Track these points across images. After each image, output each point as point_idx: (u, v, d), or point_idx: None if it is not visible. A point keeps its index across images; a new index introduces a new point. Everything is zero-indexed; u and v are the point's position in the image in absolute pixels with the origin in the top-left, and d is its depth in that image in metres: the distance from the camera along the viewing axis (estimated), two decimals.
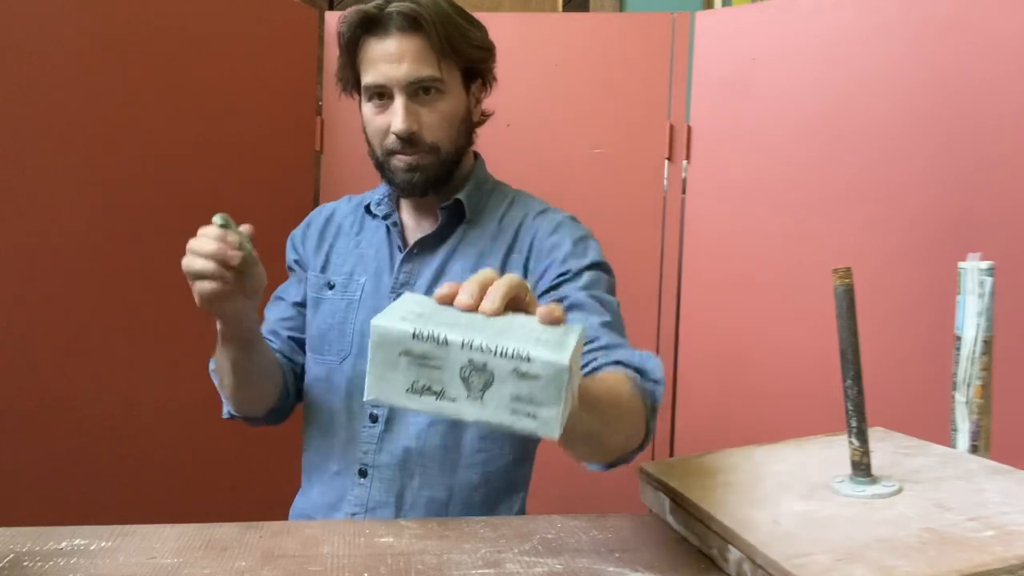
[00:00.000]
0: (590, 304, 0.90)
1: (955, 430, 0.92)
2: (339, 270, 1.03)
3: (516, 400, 0.50)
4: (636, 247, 1.62)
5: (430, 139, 0.94)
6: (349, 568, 0.70)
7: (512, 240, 0.98)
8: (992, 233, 1.30)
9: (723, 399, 1.57)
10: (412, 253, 0.99)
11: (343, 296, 1.01)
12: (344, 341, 1.00)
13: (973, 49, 1.32)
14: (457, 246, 0.99)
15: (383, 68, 0.91)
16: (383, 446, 0.97)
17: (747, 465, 0.84)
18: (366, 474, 0.97)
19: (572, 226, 0.99)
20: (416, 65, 0.91)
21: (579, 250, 0.95)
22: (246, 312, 0.86)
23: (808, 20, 1.47)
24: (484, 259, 0.97)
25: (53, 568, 0.69)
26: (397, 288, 0.98)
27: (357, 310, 1.00)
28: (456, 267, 0.98)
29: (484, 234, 0.99)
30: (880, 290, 1.40)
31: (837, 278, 0.75)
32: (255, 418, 1.01)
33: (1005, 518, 0.66)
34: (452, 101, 0.95)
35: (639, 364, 0.83)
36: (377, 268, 1.01)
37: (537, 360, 0.50)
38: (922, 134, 1.37)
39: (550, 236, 0.97)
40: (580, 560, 0.72)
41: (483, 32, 0.98)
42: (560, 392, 0.50)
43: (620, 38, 1.61)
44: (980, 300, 0.90)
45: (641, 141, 1.61)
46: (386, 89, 0.92)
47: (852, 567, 0.59)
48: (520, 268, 0.96)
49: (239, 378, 0.94)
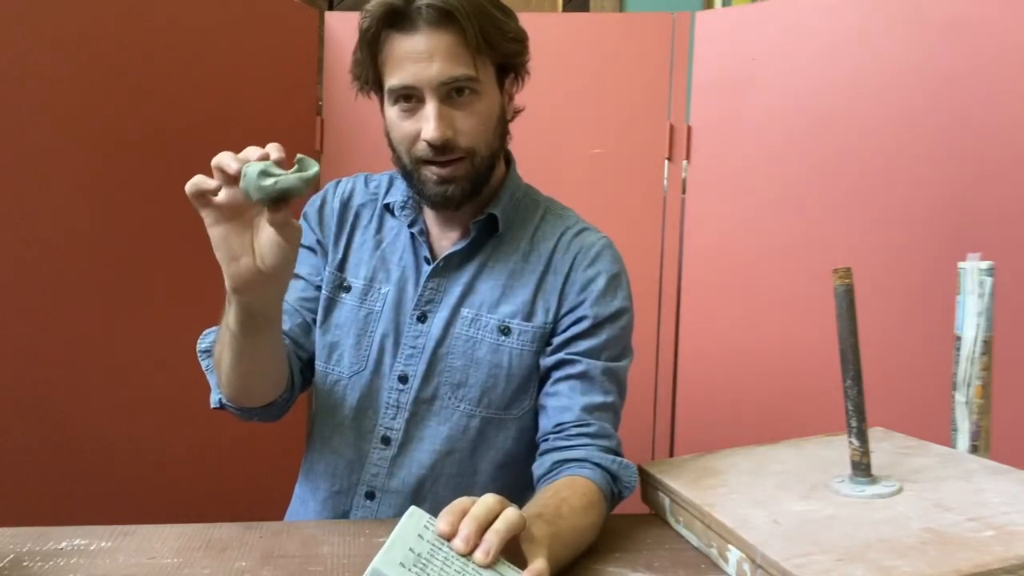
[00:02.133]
0: (598, 380, 0.88)
1: (955, 430, 0.92)
2: (357, 272, 0.95)
3: None
4: (636, 247, 1.62)
5: (465, 145, 0.85)
6: (349, 568, 0.70)
7: (548, 262, 0.92)
8: (992, 233, 1.30)
9: (723, 399, 1.57)
10: (439, 268, 0.92)
11: (362, 304, 0.94)
12: (359, 355, 0.93)
13: (973, 49, 1.32)
14: (486, 262, 0.92)
15: (411, 68, 0.82)
16: (395, 471, 0.92)
17: (747, 465, 0.84)
18: (374, 497, 0.93)
19: (610, 258, 0.94)
20: (448, 64, 0.82)
21: (611, 289, 0.92)
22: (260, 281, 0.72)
23: (808, 20, 1.47)
24: (515, 279, 0.92)
25: (53, 568, 0.69)
26: (422, 305, 0.92)
27: (378, 323, 0.93)
28: (484, 286, 0.92)
29: (515, 251, 0.93)
30: (880, 290, 1.39)
31: (837, 278, 0.75)
32: (249, 409, 0.89)
33: (1005, 518, 0.66)
34: (488, 101, 0.86)
35: (616, 471, 0.84)
36: (401, 279, 0.94)
37: None
38: (922, 134, 1.37)
39: (588, 268, 0.92)
40: (580, 560, 0.72)
41: (517, 22, 0.89)
42: None
43: (620, 38, 1.61)
44: (980, 300, 0.90)
45: (641, 141, 1.61)
46: (415, 91, 0.83)
47: (852, 567, 0.59)
48: (556, 294, 0.91)
49: (240, 362, 0.81)
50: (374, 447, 0.93)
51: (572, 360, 0.89)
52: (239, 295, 0.74)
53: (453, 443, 0.91)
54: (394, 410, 0.92)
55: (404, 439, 0.92)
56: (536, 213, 0.97)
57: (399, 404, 0.91)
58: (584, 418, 0.86)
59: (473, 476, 0.92)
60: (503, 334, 0.90)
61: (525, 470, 0.91)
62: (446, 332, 0.91)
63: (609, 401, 0.89)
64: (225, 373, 0.83)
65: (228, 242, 0.70)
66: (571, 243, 0.94)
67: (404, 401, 0.91)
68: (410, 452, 0.92)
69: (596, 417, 0.87)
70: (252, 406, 0.89)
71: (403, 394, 0.91)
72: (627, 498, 0.86)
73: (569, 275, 0.92)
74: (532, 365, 0.91)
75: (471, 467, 0.92)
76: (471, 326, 0.91)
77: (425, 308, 0.92)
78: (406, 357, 0.91)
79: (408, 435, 0.91)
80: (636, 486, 0.87)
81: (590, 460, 0.83)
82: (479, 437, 0.91)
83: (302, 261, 0.97)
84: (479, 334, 0.90)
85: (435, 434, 0.91)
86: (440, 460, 0.91)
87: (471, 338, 0.90)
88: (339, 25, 1.64)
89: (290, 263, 0.72)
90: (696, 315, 1.60)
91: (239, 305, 0.75)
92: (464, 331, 0.90)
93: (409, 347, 0.91)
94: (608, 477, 0.83)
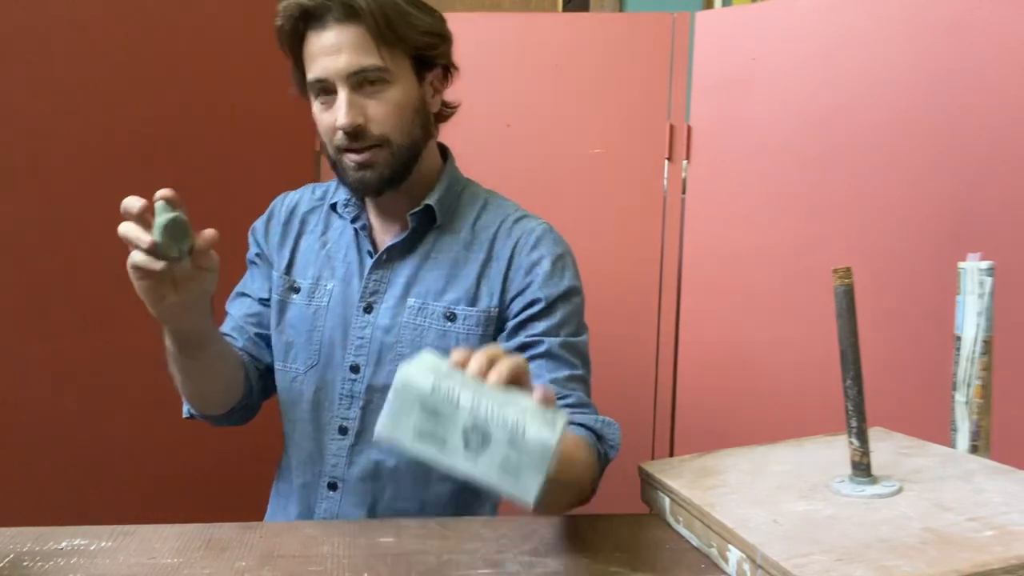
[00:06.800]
0: (562, 356, 0.91)
1: (955, 430, 0.92)
2: (304, 273, 0.99)
3: (505, 464, 0.57)
4: (636, 247, 1.62)
5: (378, 132, 0.88)
6: (349, 568, 0.70)
7: (489, 249, 0.95)
8: (992, 233, 1.30)
9: (723, 399, 1.57)
10: (381, 260, 0.96)
11: (310, 302, 0.97)
12: (311, 350, 0.96)
13: (973, 49, 1.32)
14: (429, 253, 0.96)
15: (323, 61, 0.86)
16: (354, 459, 0.94)
17: (747, 465, 0.84)
18: (336, 487, 0.95)
19: (551, 240, 0.96)
20: (356, 55, 0.86)
21: (557, 271, 0.94)
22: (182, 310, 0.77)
23: (808, 20, 1.47)
24: (458, 267, 0.94)
25: (53, 568, 0.69)
26: (367, 297, 0.95)
27: (325, 317, 0.96)
28: (429, 276, 0.95)
29: (456, 241, 0.96)
30: (880, 290, 1.39)
31: (837, 278, 0.75)
32: (214, 417, 0.96)
33: (1005, 518, 0.66)
34: (401, 91, 0.89)
35: (599, 430, 0.88)
36: (346, 274, 0.97)
37: (530, 435, 0.56)
38: (922, 134, 1.37)
39: (531, 251, 0.95)
40: (580, 560, 0.72)
41: (435, 18, 0.92)
42: (543, 466, 0.56)
43: (620, 38, 1.61)
44: (980, 300, 0.90)
45: (641, 141, 1.61)
46: (328, 83, 0.87)
47: (852, 567, 0.59)
48: (499, 279, 0.94)
49: (188, 378, 0.89)
50: (332, 438, 0.96)
51: (533, 342, 0.92)
52: (170, 325, 0.80)
53: None
54: (348, 400, 0.95)
55: (360, 428, 0.94)
56: (476, 204, 1.00)
57: (353, 394, 0.95)
58: (559, 391, 0.88)
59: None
60: (449, 320, 0.93)
61: None
62: (394, 321, 0.94)
63: (578, 373, 0.92)
64: (182, 387, 0.91)
65: (153, 289, 0.74)
66: (512, 229, 0.97)
67: (358, 391, 0.94)
68: (367, 440, 0.94)
69: (570, 388, 0.90)
70: (213, 414, 0.96)
71: (356, 384, 0.94)
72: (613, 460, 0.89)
73: (512, 260, 0.95)
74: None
75: None
76: (418, 315, 0.94)
77: (370, 299, 0.95)
78: (355, 348, 0.95)
79: (364, 424, 0.94)
80: (620, 446, 0.89)
81: (573, 422, 0.86)
82: None
83: (247, 278, 1.05)
84: (426, 322, 0.94)
85: None
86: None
87: (418, 326, 0.93)
88: None
89: (212, 284, 0.77)
90: (696, 315, 1.60)
91: (172, 333, 0.82)
92: (412, 320, 0.94)
93: (358, 338, 0.95)
94: (594, 437, 0.87)
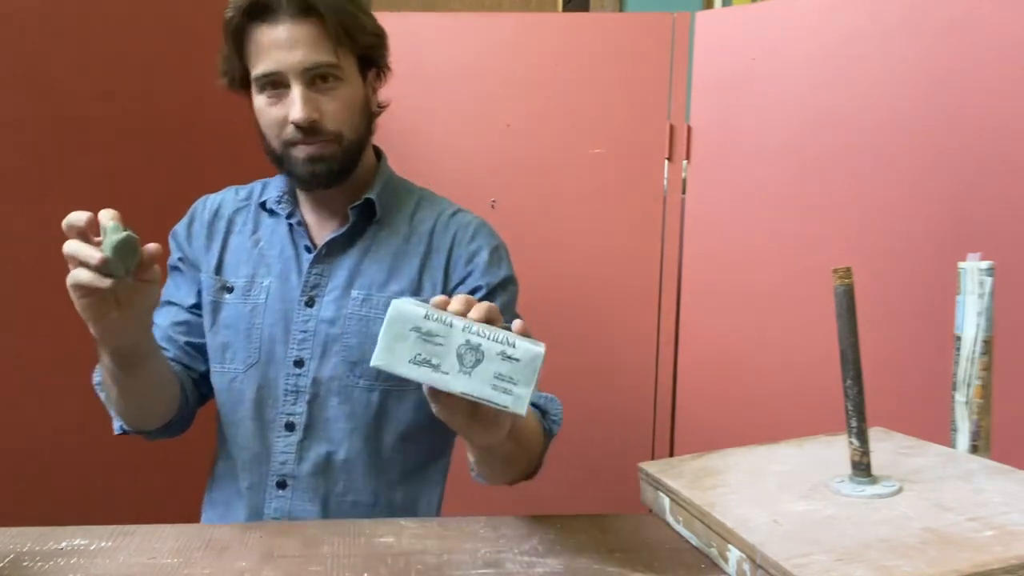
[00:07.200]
0: None
1: (955, 430, 0.92)
2: (236, 272, 0.98)
3: (498, 378, 0.61)
4: (636, 247, 1.62)
5: (332, 128, 0.89)
6: (349, 568, 0.70)
7: (428, 242, 0.97)
8: (992, 233, 1.30)
9: (723, 399, 1.57)
10: (321, 254, 0.95)
11: (246, 300, 0.96)
12: (250, 348, 0.95)
13: (974, 49, 1.32)
14: (369, 247, 0.96)
15: (276, 56, 0.86)
16: (303, 455, 0.94)
17: (747, 465, 0.84)
18: (286, 485, 0.94)
19: (488, 233, 1.00)
20: (311, 51, 0.86)
21: (495, 260, 0.98)
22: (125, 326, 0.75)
23: (808, 20, 1.47)
24: (400, 260, 0.96)
25: (53, 568, 0.69)
26: (308, 291, 0.95)
27: (264, 314, 0.95)
28: (371, 268, 0.95)
29: (395, 235, 0.97)
30: (880, 290, 1.39)
31: (837, 278, 0.75)
32: (149, 432, 0.95)
33: (1005, 518, 0.66)
34: (351, 89, 0.91)
35: (544, 406, 0.91)
36: (283, 270, 0.96)
37: (520, 346, 0.61)
38: (922, 134, 1.37)
39: (470, 243, 0.98)
40: (580, 560, 0.72)
41: (374, 19, 0.95)
42: (534, 374, 0.61)
43: (620, 38, 1.61)
44: (980, 300, 0.90)
45: (641, 141, 1.61)
46: (280, 77, 0.87)
47: (852, 567, 0.59)
48: (441, 270, 0.96)
49: (126, 395, 0.87)
50: (279, 435, 0.95)
51: None
52: (112, 343, 0.78)
53: (357, 420, 0.94)
54: (294, 395, 0.94)
55: (308, 422, 0.94)
56: (411, 200, 1.01)
57: (298, 388, 0.94)
58: None
59: (380, 451, 0.95)
60: None
61: (430, 441, 0.98)
62: (338, 313, 0.94)
63: None
64: (117, 405, 0.90)
65: (96, 307, 0.72)
66: (449, 223, 0.99)
67: (303, 385, 0.94)
68: (315, 434, 0.94)
69: None
70: (150, 429, 0.95)
71: (301, 378, 0.94)
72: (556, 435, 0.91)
73: (452, 251, 0.97)
74: None
75: (376, 442, 0.95)
76: (363, 306, 0.94)
77: (312, 293, 0.95)
78: (298, 342, 0.94)
79: (311, 418, 0.94)
80: (563, 421, 0.92)
81: None
82: (381, 411, 0.95)
83: (169, 286, 1.02)
84: (371, 312, 0.94)
85: (338, 413, 0.94)
86: (346, 438, 0.94)
87: (364, 317, 0.94)
88: None
89: (155, 297, 0.77)
90: (696, 315, 1.60)
91: (112, 351, 0.80)
92: (357, 311, 0.94)
93: (300, 332, 0.94)
94: (538, 412, 0.89)
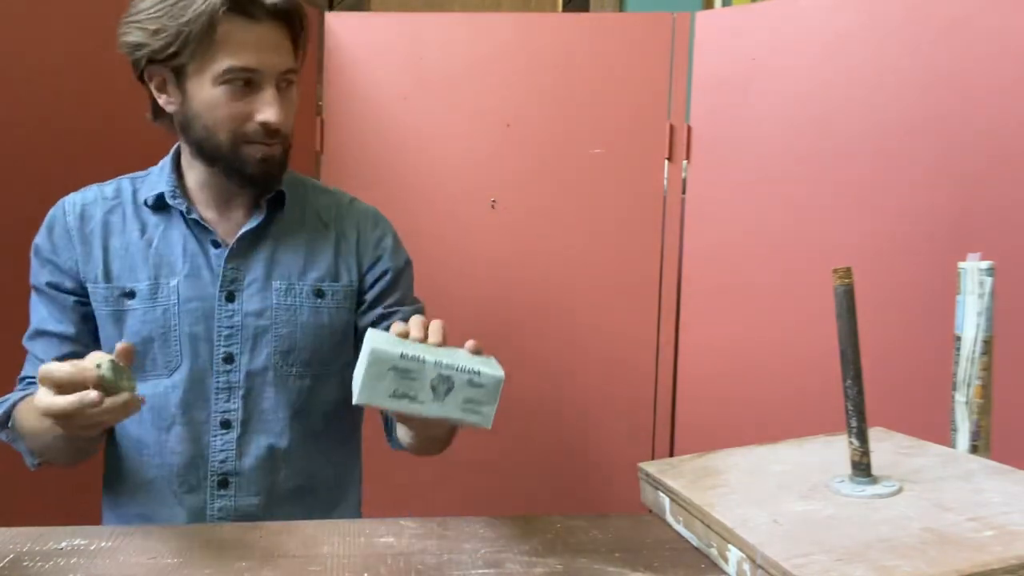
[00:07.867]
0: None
1: (955, 430, 0.92)
2: (134, 276, 0.93)
3: (467, 402, 0.70)
4: (636, 247, 1.62)
5: (285, 131, 0.92)
6: (349, 568, 0.70)
7: (337, 229, 1.01)
8: (992, 233, 1.30)
9: (723, 399, 1.57)
10: (234, 249, 0.95)
11: (154, 304, 0.93)
12: (171, 351, 0.93)
13: (973, 49, 1.32)
14: (280, 238, 0.98)
15: (257, 54, 0.87)
16: (244, 450, 0.94)
17: (747, 465, 0.84)
18: (228, 484, 0.94)
19: (385, 220, 1.06)
20: (287, 56, 0.90)
21: (397, 244, 1.05)
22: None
23: (808, 20, 1.47)
24: (314, 247, 0.99)
25: (53, 568, 0.69)
26: (227, 285, 0.94)
27: (178, 315, 0.92)
28: (287, 258, 0.97)
29: (302, 224, 1.00)
30: (880, 290, 1.39)
31: (837, 278, 0.75)
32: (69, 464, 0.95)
33: (1005, 518, 0.66)
34: (296, 93, 0.95)
35: None
36: (191, 269, 0.94)
37: (485, 374, 0.70)
38: (922, 134, 1.37)
39: (374, 229, 1.03)
40: (580, 560, 0.72)
41: None
42: (497, 395, 0.70)
43: (620, 38, 1.61)
44: (980, 300, 0.90)
45: (641, 141, 1.61)
46: (256, 75, 0.87)
47: (852, 567, 0.59)
48: (353, 255, 1.01)
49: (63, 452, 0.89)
50: (215, 435, 0.94)
51: (391, 312, 1.01)
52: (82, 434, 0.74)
53: (293, 407, 0.96)
54: (227, 392, 0.94)
55: (245, 417, 0.95)
56: (304, 189, 1.04)
57: (231, 385, 0.94)
58: None
59: (313, 434, 0.98)
60: (318, 297, 0.98)
61: (351, 416, 1.04)
62: (264, 305, 0.95)
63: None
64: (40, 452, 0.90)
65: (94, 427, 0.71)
66: (349, 210, 1.04)
67: (235, 380, 0.94)
68: (255, 428, 0.95)
69: None
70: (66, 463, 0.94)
71: (232, 374, 0.94)
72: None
73: (360, 237, 1.02)
74: (348, 320, 1.00)
75: (311, 426, 0.97)
76: (287, 295, 0.96)
77: (231, 288, 0.95)
78: (225, 338, 0.94)
79: (248, 412, 0.94)
80: None
81: None
82: (312, 395, 0.97)
83: (40, 312, 0.96)
84: (296, 300, 0.96)
85: (275, 404, 0.95)
86: (286, 427, 0.95)
87: (291, 306, 0.96)
88: (339, 26, 1.64)
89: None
90: (696, 315, 1.60)
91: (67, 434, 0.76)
92: (282, 301, 0.96)
93: (226, 328, 0.94)
94: None
